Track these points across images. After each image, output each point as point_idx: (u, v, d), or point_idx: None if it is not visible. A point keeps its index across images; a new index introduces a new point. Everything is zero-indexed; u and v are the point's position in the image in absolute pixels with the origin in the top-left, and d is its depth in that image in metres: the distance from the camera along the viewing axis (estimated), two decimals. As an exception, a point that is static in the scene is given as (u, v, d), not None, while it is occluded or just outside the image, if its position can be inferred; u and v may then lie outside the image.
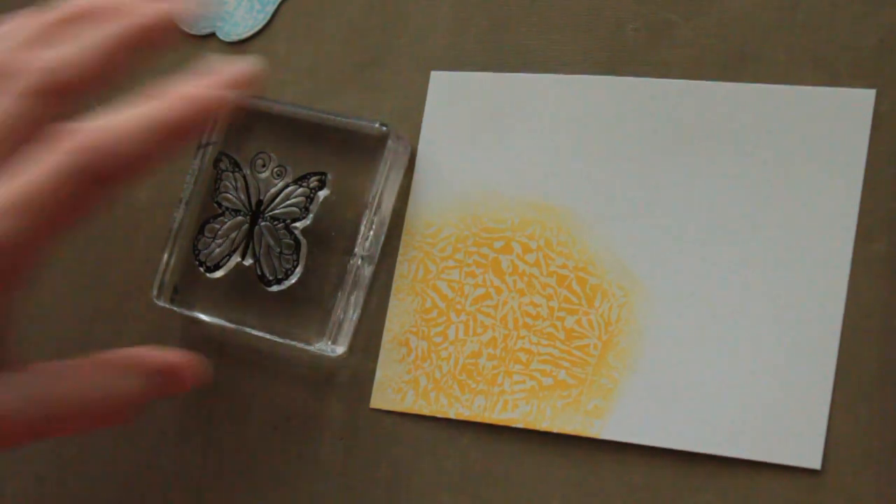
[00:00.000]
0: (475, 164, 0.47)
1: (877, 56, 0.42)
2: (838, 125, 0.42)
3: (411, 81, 0.49)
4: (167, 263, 0.49)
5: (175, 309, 0.49)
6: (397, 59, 0.50)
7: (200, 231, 0.49)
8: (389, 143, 0.47)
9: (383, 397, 0.47)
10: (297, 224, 0.47)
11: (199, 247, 0.49)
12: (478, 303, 0.47)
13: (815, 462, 0.41)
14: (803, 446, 0.41)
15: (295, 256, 0.47)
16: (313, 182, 0.48)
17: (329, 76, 0.51)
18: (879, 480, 0.40)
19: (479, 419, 0.45)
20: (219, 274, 0.48)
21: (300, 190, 0.48)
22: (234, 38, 0.53)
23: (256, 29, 0.53)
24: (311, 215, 0.47)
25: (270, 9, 0.53)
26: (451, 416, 0.46)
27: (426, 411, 0.45)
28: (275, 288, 0.47)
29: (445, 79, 0.49)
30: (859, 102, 0.42)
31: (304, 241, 0.47)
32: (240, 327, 0.48)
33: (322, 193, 0.47)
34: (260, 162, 0.49)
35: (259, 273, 0.48)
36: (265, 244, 0.48)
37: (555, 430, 0.45)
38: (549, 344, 0.45)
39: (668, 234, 0.44)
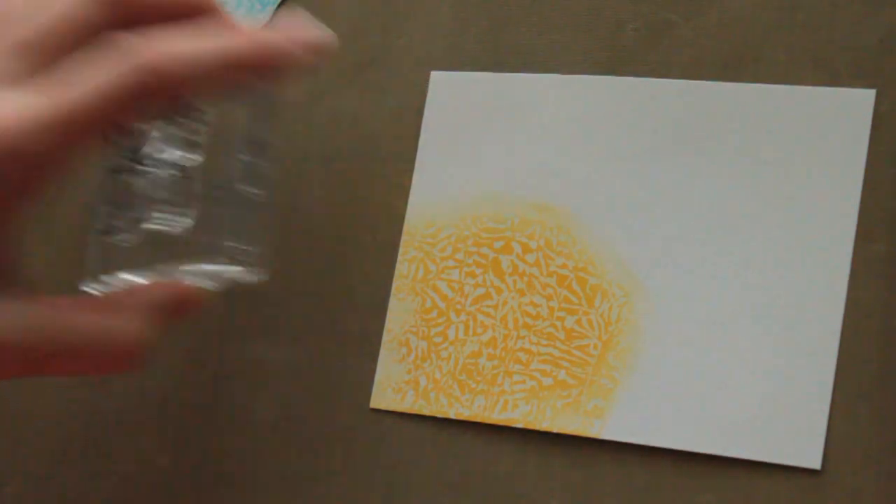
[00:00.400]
0: (475, 164, 0.47)
1: (877, 56, 0.42)
2: (838, 125, 0.42)
3: (411, 81, 0.49)
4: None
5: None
6: (397, 59, 0.50)
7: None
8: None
9: (383, 397, 0.47)
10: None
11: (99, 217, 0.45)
12: (478, 303, 0.47)
13: (815, 462, 0.41)
14: (803, 446, 0.41)
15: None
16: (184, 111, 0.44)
17: (329, 76, 0.51)
18: (879, 480, 0.40)
19: (479, 419, 0.46)
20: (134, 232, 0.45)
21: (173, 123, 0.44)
22: (234, 38, 0.53)
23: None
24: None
25: (270, 9, 0.53)
26: (452, 416, 0.46)
27: (426, 411, 0.45)
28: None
29: (445, 79, 0.49)
30: (859, 102, 0.42)
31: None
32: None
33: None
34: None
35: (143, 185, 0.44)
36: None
37: (555, 430, 0.45)
38: (549, 344, 0.45)
39: (668, 234, 0.44)
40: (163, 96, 0.38)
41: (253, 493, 0.49)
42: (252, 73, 0.41)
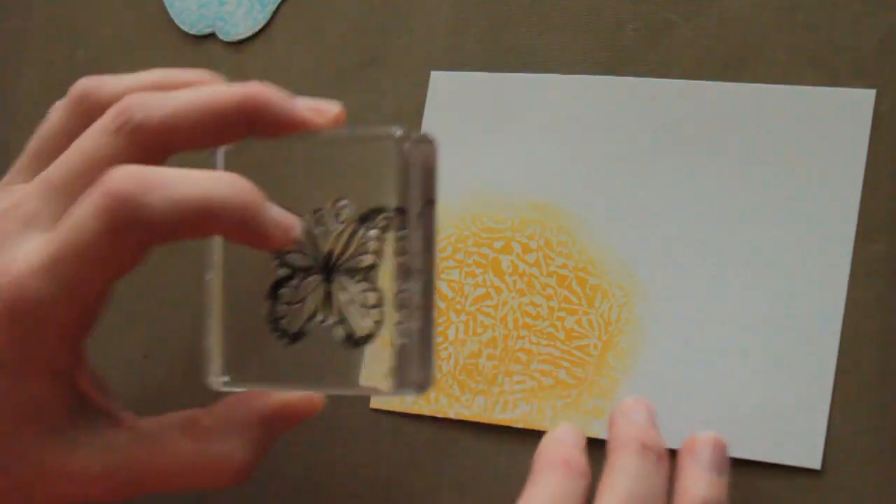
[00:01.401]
0: (475, 164, 0.47)
1: (877, 56, 0.42)
2: (838, 125, 0.42)
3: (411, 81, 0.49)
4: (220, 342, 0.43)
5: (235, 389, 0.44)
6: (397, 59, 0.50)
7: (273, 298, 0.43)
8: (406, 146, 0.42)
9: (383, 397, 0.47)
10: (375, 272, 0.41)
11: (277, 315, 0.43)
12: (478, 303, 0.47)
13: (815, 462, 0.41)
14: (803, 446, 0.41)
15: (382, 309, 0.41)
16: (381, 222, 0.41)
17: (329, 76, 0.51)
18: (879, 480, 0.40)
19: (479, 419, 0.45)
20: (302, 342, 0.42)
21: (370, 233, 0.42)
22: (235, 38, 0.53)
23: (256, 29, 0.53)
24: (385, 260, 0.41)
25: (270, 9, 0.53)
26: (451, 415, 0.45)
27: (426, 411, 0.45)
28: (363, 346, 0.41)
29: (445, 79, 0.49)
30: (859, 102, 0.42)
31: (385, 290, 0.41)
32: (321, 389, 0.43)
33: (391, 234, 0.41)
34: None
35: (347, 333, 0.42)
36: (344, 300, 0.42)
37: (555, 430, 0.45)
38: (549, 344, 0.45)
39: (668, 234, 0.44)
40: (142, 213, 0.38)
41: (253, 494, 0.49)
42: (241, 123, 0.41)
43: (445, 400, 0.46)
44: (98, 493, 0.41)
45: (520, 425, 0.45)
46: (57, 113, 0.44)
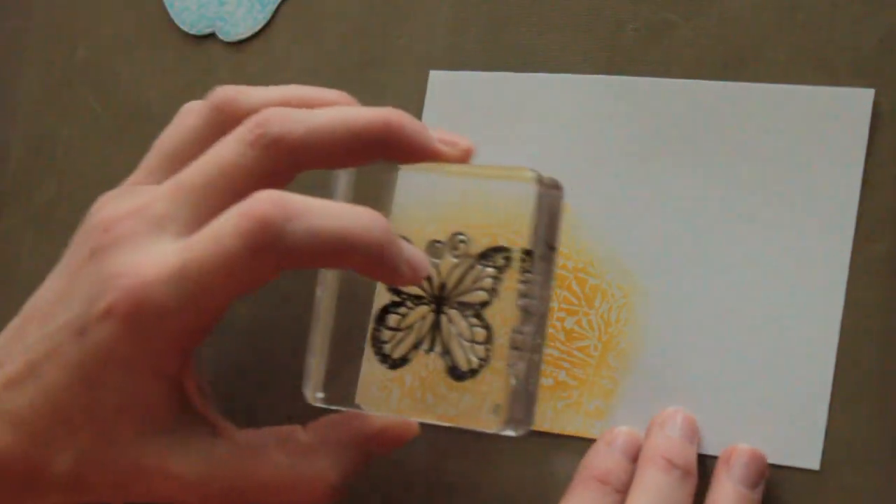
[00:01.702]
0: (474, 163, 0.47)
1: (877, 56, 0.42)
2: (837, 124, 0.42)
3: (411, 81, 0.49)
4: (321, 360, 0.44)
5: (332, 406, 0.44)
6: (397, 59, 0.50)
7: (380, 321, 0.44)
8: (540, 190, 0.42)
9: (368, 395, 0.46)
10: (486, 309, 0.42)
11: (382, 339, 0.44)
12: (477, 303, 0.46)
13: (814, 462, 0.41)
14: (802, 446, 0.41)
15: (489, 346, 0.42)
16: (499, 261, 0.42)
17: (329, 76, 0.51)
18: (879, 480, 0.40)
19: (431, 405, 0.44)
20: (403, 369, 0.43)
21: (487, 271, 0.42)
22: (234, 38, 0.53)
23: (256, 29, 0.53)
24: (498, 298, 0.42)
25: (270, 9, 0.53)
26: (437, 413, 0.45)
27: (411, 409, 0.45)
28: (467, 380, 0.42)
29: (444, 78, 0.49)
30: (858, 102, 0.42)
31: (494, 327, 0.42)
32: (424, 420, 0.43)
33: (509, 274, 0.42)
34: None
35: (450, 365, 0.42)
36: (452, 333, 0.42)
37: (555, 430, 0.45)
38: (550, 345, 0.45)
39: (667, 235, 0.44)
40: (283, 240, 0.38)
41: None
42: (375, 147, 0.42)
43: (432, 398, 0.46)
44: (192, 499, 0.42)
45: (519, 425, 0.45)
46: (193, 118, 0.45)
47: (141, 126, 0.55)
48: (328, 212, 0.39)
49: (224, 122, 0.44)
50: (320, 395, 0.44)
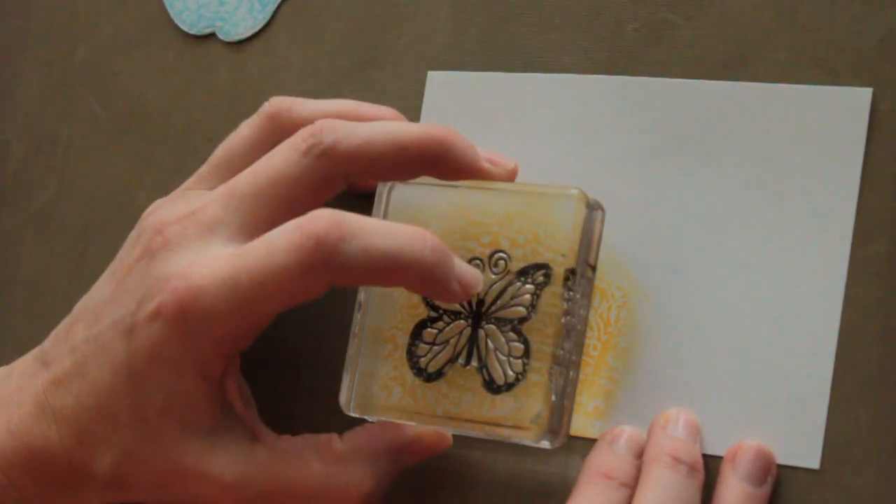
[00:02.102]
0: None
1: (877, 56, 0.42)
2: (836, 124, 0.42)
3: (411, 81, 0.49)
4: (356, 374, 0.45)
5: (367, 416, 0.45)
6: (397, 59, 0.50)
7: (416, 336, 0.44)
8: (586, 210, 0.43)
9: (369, 393, 0.46)
10: (524, 325, 0.43)
11: (418, 353, 0.44)
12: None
13: (813, 462, 0.41)
14: (802, 446, 0.41)
15: (526, 360, 0.42)
16: (539, 277, 0.43)
17: (329, 76, 0.51)
18: (878, 480, 0.40)
19: (467, 418, 0.45)
20: (438, 382, 0.44)
21: (526, 287, 0.43)
22: (234, 38, 0.53)
23: (256, 29, 0.53)
24: (536, 314, 0.42)
25: (270, 9, 0.53)
26: (438, 413, 0.45)
27: (412, 409, 0.45)
28: (503, 393, 0.43)
29: (443, 79, 0.49)
30: (856, 101, 0.42)
31: (532, 342, 0.42)
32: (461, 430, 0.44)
33: (548, 291, 0.42)
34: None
35: (487, 379, 0.43)
36: (490, 347, 0.43)
37: (555, 430, 0.45)
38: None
39: (667, 234, 0.44)
40: (337, 259, 0.39)
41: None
42: (424, 162, 0.43)
43: (433, 397, 0.46)
44: (228, 501, 0.42)
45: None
46: (246, 128, 0.46)
47: (141, 126, 0.55)
48: (383, 231, 0.40)
49: (276, 131, 0.45)
50: (356, 404, 0.45)
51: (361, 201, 0.46)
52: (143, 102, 0.55)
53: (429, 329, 0.44)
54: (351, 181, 0.43)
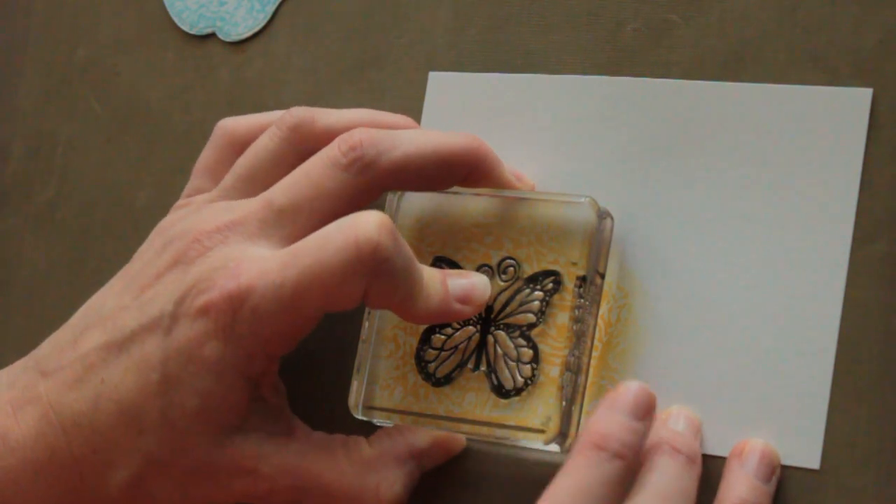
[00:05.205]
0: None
1: (877, 56, 0.42)
2: (836, 124, 0.42)
3: (411, 82, 0.49)
4: (363, 379, 0.46)
5: (376, 420, 0.46)
6: (397, 59, 0.50)
7: (425, 341, 0.45)
8: (596, 218, 0.43)
9: (372, 394, 0.46)
10: (532, 331, 0.43)
11: (426, 358, 0.45)
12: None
13: (813, 462, 0.41)
14: (802, 446, 0.41)
15: (535, 366, 0.43)
16: (548, 284, 0.43)
17: (329, 76, 0.51)
18: (879, 480, 0.40)
19: (470, 417, 0.45)
20: (447, 388, 0.44)
21: (536, 293, 0.43)
22: (234, 38, 0.54)
23: (256, 29, 0.53)
24: (545, 320, 0.43)
25: (270, 9, 0.53)
26: (444, 415, 0.45)
27: (415, 408, 0.45)
28: (511, 398, 0.43)
29: (443, 79, 0.49)
30: (856, 102, 0.42)
31: (541, 348, 0.43)
32: (473, 437, 0.45)
33: (557, 297, 0.43)
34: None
35: (496, 384, 0.43)
36: (499, 353, 0.43)
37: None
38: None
39: (666, 235, 0.44)
40: (385, 266, 0.40)
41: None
42: (460, 173, 0.44)
43: (435, 397, 0.46)
44: (262, 492, 0.42)
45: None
46: (267, 139, 0.46)
47: (141, 126, 0.55)
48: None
49: (300, 142, 0.45)
50: (364, 408, 0.45)
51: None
52: (143, 102, 0.55)
53: (437, 334, 0.45)
54: (388, 190, 0.44)
